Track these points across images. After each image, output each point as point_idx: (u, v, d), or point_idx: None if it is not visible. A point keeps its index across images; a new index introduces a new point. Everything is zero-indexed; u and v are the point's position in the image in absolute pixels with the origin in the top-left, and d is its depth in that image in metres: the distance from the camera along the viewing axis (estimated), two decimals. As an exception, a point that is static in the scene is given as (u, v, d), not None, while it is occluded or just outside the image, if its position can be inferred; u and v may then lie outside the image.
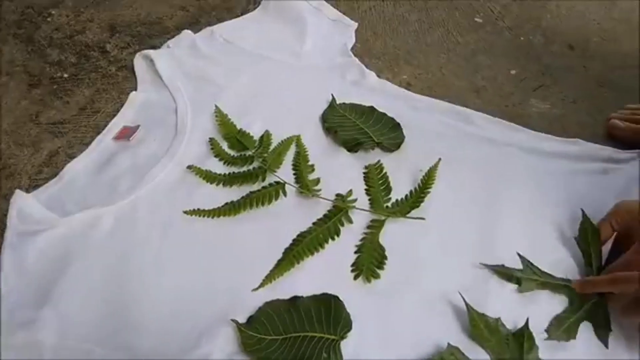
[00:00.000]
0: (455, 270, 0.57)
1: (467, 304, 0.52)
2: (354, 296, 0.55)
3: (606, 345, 0.52)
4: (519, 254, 0.58)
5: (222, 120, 0.73)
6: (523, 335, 0.51)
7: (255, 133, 0.72)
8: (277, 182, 0.65)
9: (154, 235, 0.61)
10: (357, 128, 0.72)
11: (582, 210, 0.60)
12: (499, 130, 0.72)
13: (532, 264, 0.57)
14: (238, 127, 0.72)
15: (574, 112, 0.76)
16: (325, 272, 0.58)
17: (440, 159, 0.66)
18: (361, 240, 0.61)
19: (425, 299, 0.55)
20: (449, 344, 0.51)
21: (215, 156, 0.69)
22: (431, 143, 0.70)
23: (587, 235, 0.59)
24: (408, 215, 0.62)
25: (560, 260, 0.58)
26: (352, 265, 0.58)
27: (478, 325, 0.52)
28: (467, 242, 0.60)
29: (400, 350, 0.51)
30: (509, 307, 0.54)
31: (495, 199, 0.64)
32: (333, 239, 0.61)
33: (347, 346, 0.52)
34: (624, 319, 0.52)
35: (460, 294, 0.53)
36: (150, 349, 0.51)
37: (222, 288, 0.56)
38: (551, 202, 0.63)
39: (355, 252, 0.59)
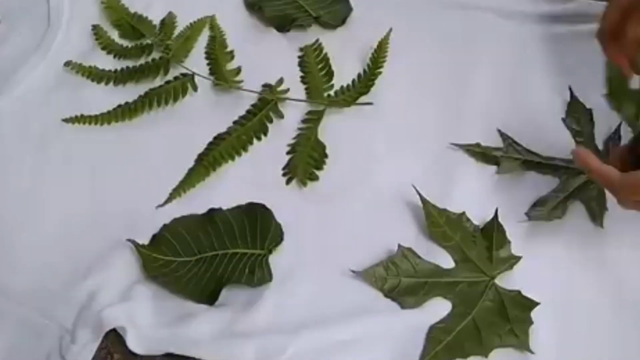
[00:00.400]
0: (413, 161, 0.61)
1: (422, 198, 0.56)
2: (287, 204, 0.59)
3: (601, 225, 0.57)
4: (499, 130, 0.62)
5: (110, 4, 0.74)
6: (492, 229, 0.55)
7: (156, 17, 0.73)
8: (185, 75, 0.68)
9: (26, 154, 0.63)
10: (291, 1, 0.74)
11: (570, 89, 0.64)
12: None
13: (515, 141, 0.61)
14: (132, 10, 0.74)
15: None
16: (249, 179, 0.61)
17: (391, 29, 0.69)
18: (295, 137, 0.64)
19: (375, 199, 0.59)
20: (399, 245, 0.55)
21: (103, 48, 0.71)
22: (386, 14, 0.72)
23: (575, 115, 0.63)
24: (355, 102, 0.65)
25: (546, 140, 0.62)
26: (284, 168, 0.62)
27: (437, 222, 0.56)
28: (428, 127, 0.63)
29: (344, 260, 0.55)
30: (483, 196, 0.59)
31: (465, 75, 0.67)
32: (259, 138, 0.64)
33: (278, 261, 0.55)
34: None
35: (414, 187, 0.57)
36: (25, 288, 0.55)
37: (118, 208, 0.59)
38: (537, 76, 0.67)
39: (288, 153, 0.63)
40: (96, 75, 0.68)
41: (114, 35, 0.72)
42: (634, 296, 0.54)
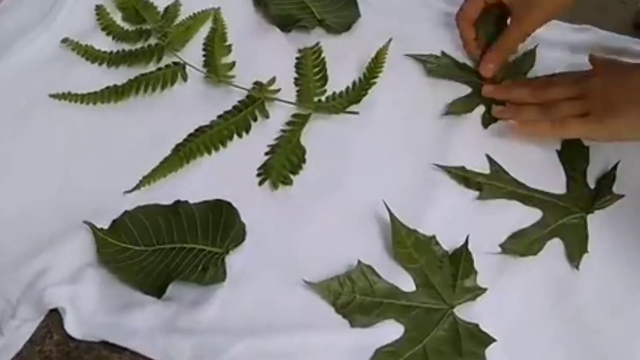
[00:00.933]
0: (392, 177, 0.59)
1: (392, 216, 0.54)
2: (255, 204, 0.57)
3: (577, 267, 0.54)
4: (487, 156, 0.60)
5: (118, -15, 0.74)
6: (460, 257, 0.53)
7: (162, 4, 0.73)
8: (176, 63, 0.67)
9: (10, 122, 0.63)
10: (297, 1, 0.73)
11: None
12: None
13: (503, 168, 0.59)
14: (140, -6, 0.74)
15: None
16: (222, 175, 0.60)
17: (390, 39, 0.67)
18: (277, 139, 0.62)
19: (345, 212, 0.57)
20: (359, 261, 0.52)
21: (103, 29, 0.71)
22: (394, 25, 0.70)
23: (570, 150, 0.60)
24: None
25: (537, 171, 0.59)
26: (260, 169, 0.60)
27: (404, 243, 0.54)
28: (414, 145, 0.61)
29: (301, 269, 0.53)
30: (459, 221, 0.56)
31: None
32: (240, 135, 0.62)
33: (235, 261, 0.54)
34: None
35: (384, 203, 0.54)
36: None
37: (86, 189, 0.58)
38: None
39: (267, 153, 0.61)
40: (91, 54, 0.68)
41: (117, 17, 0.72)
42: (601, 348, 0.50)
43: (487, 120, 0.63)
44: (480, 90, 0.64)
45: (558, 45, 0.68)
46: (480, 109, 0.64)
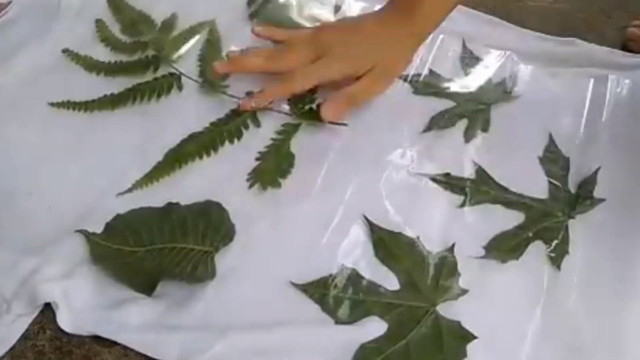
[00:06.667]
0: (378, 183, 0.61)
1: (369, 222, 0.57)
2: (245, 206, 0.59)
3: (558, 268, 0.55)
4: (473, 161, 0.62)
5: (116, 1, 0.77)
6: (445, 258, 0.55)
7: (159, 17, 0.76)
8: (172, 73, 0.69)
9: (11, 127, 0.65)
10: (288, 16, 0.75)
11: (550, 135, 0.64)
12: (473, 25, 0.74)
13: (487, 173, 0.61)
14: (138, 8, 0.76)
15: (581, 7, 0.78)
16: (213, 179, 0.61)
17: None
18: (267, 146, 0.64)
19: (331, 215, 0.58)
20: (343, 263, 0.54)
21: (102, 41, 0.73)
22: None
23: (551, 157, 0.62)
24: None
25: (519, 177, 0.62)
26: (250, 174, 0.62)
27: (389, 244, 0.56)
28: (401, 152, 0.64)
29: (287, 270, 0.55)
30: (444, 224, 0.58)
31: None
32: (232, 142, 0.65)
33: (222, 261, 0.56)
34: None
35: (365, 217, 0.58)
36: None
37: (82, 190, 0.60)
38: (521, 113, 0.66)
39: (257, 159, 0.63)
40: (89, 64, 0.71)
41: (116, 30, 0.74)
42: (581, 347, 0.52)
43: (469, 135, 0.64)
44: (464, 104, 0.66)
45: (542, 58, 0.71)
46: (463, 123, 0.66)
